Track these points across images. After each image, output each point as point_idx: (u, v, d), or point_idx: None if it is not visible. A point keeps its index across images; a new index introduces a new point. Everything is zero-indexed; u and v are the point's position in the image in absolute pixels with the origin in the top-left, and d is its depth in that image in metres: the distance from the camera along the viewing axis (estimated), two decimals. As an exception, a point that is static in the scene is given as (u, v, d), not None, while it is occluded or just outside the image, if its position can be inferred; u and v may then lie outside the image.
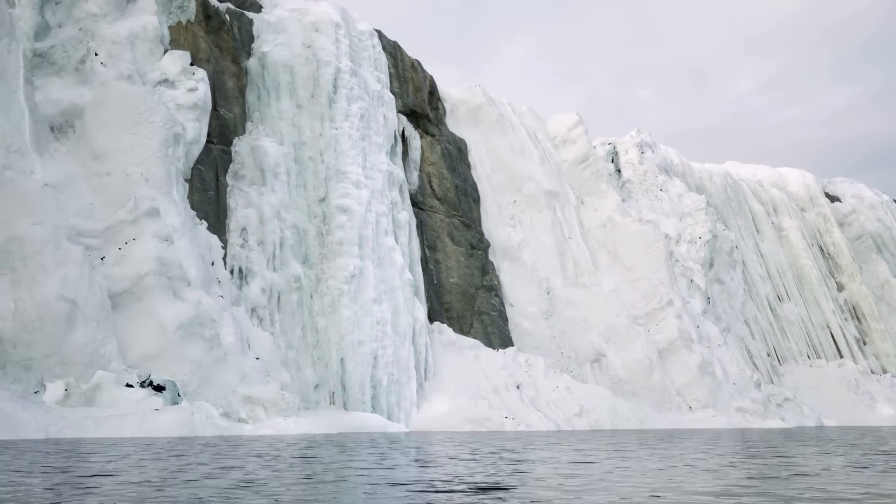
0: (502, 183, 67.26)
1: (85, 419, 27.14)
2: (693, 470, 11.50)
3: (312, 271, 42.89)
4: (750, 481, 9.37)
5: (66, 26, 41.33)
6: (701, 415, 57.87)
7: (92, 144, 38.09)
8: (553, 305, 61.38)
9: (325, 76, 49.45)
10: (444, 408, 42.41)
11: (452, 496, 7.62)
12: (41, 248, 32.20)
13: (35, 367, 30.03)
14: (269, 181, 44.28)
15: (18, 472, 10.80)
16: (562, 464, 13.02)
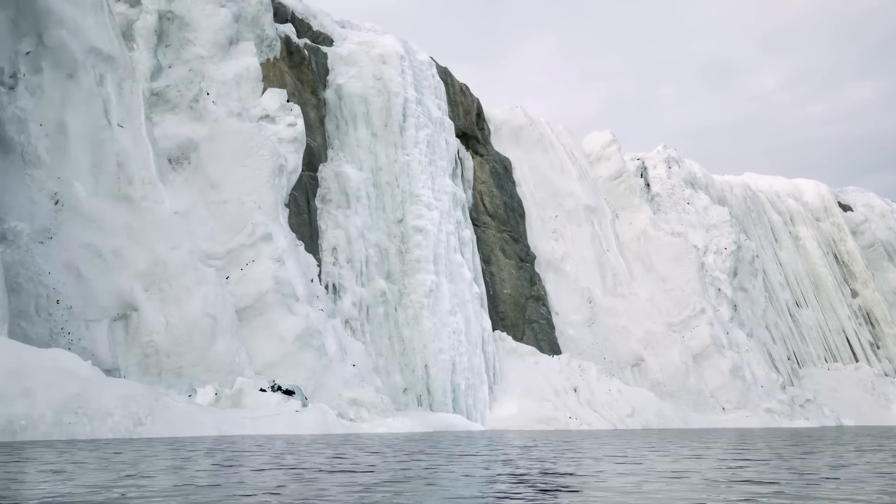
0: (544, 199, 72.10)
1: (242, 419, 31.96)
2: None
3: (395, 286, 47.74)
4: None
5: (176, 67, 46.16)
6: (735, 415, 62.70)
7: (208, 175, 42.92)
8: (595, 314, 66.21)
9: (395, 106, 54.28)
10: (514, 409, 47.26)
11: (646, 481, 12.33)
12: (182, 270, 37.04)
13: (185, 374, 34.85)
14: (352, 204, 49.12)
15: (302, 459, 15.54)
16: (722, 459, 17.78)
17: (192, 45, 46.33)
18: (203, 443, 22.10)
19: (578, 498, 7.64)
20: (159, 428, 27.11)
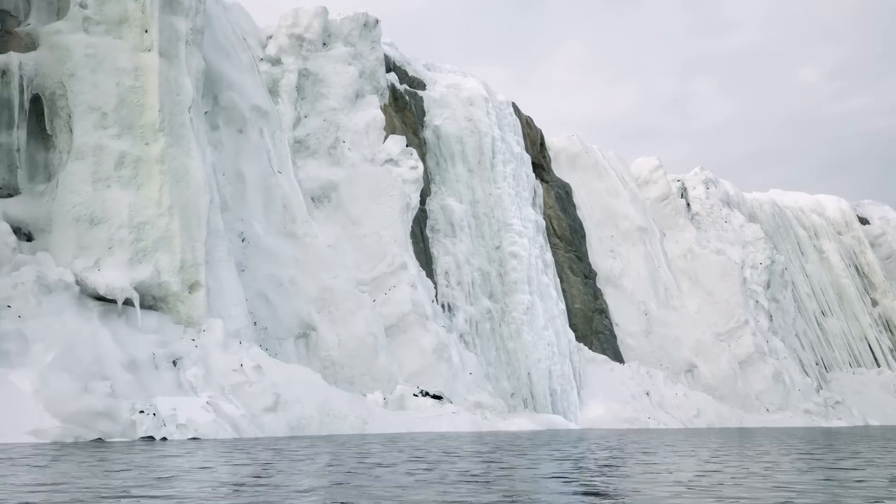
0: (601, 220, 79.79)
1: (416, 419, 39.62)
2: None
3: (498, 305, 55.44)
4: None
5: (312, 117, 53.87)
6: (779, 416, 70.38)
7: (348, 212, 50.62)
8: (650, 325, 73.91)
9: (485, 145, 61.98)
10: (601, 410, 54.97)
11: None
12: (345, 296, 44.76)
13: (356, 382, 42.53)
14: (457, 233, 56.79)
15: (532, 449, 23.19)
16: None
17: (326, 99, 54.05)
18: (423, 437, 29.72)
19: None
20: (374, 426, 34.83)
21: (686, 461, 13.73)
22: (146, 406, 23.93)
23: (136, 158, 32.69)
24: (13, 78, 32.74)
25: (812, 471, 11.36)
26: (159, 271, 30.98)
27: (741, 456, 15.18)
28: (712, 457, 15.37)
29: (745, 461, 13.26)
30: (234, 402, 27.67)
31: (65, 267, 29.29)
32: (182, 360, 28.62)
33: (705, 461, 13.52)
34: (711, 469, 11.74)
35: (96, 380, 24.52)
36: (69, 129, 33.05)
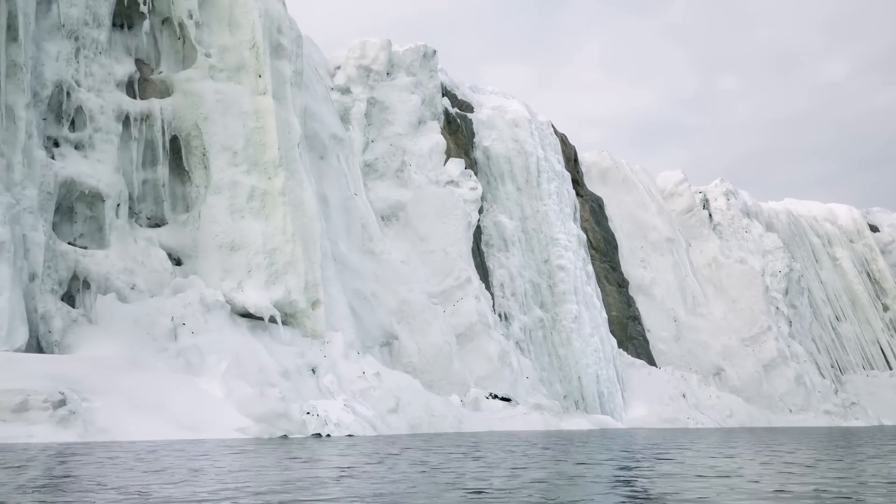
0: (631, 231, 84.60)
1: (493, 419, 44.41)
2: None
3: (549, 314, 60.26)
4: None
5: (379, 142, 58.68)
6: (801, 416, 75.16)
7: (416, 230, 55.42)
8: (680, 330, 78.72)
9: (531, 164, 66.79)
10: (644, 411, 59.78)
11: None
12: (421, 308, 49.56)
13: (434, 386, 47.30)
14: (509, 248, 61.58)
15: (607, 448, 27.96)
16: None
17: (392, 125, 58.87)
18: (522, 435, 34.49)
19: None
20: (467, 426, 39.65)
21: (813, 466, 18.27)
22: (311, 408, 28.72)
23: (263, 192, 37.53)
24: (156, 121, 37.58)
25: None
26: (289, 291, 35.80)
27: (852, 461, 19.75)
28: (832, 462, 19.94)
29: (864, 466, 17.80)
30: (364, 405, 32.46)
31: (214, 288, 34.11)
32: (318, 369, 33.44)
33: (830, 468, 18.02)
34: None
35: (265, 386, 29.33)
36: (204, 166, 37.87)
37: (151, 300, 31.91)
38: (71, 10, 35.73)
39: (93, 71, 35.98)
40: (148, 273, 33.02)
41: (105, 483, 9.27)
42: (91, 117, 34.81)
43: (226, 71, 40.30)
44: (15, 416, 21.43)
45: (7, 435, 20.71)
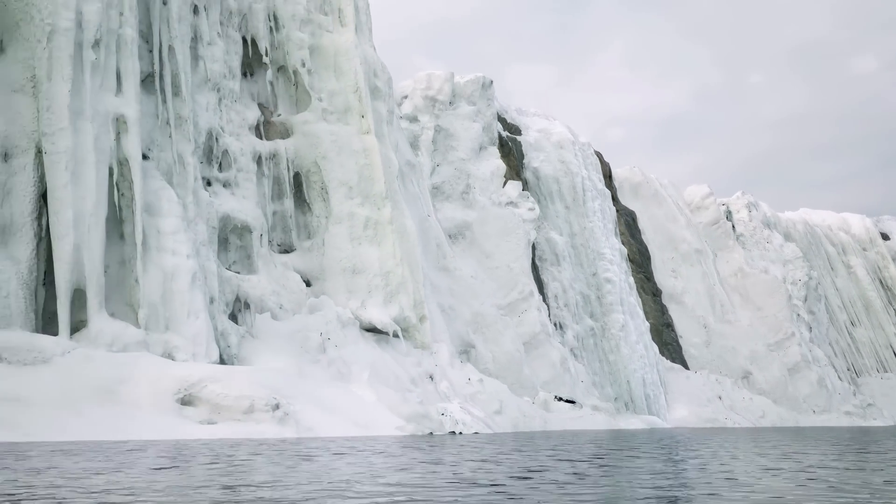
0: (662, 243, 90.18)
1: (563, 419, 49.97)
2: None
3: (598, 323, 65.82)
4: None
5: (444, 166, 64.24)
6: (825, 417, 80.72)
7: (481, 248, 60.99)
8: (710, 337, 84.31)
9: (577, 184, 72.36)
10: (684, 412, 65.34)
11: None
12: (493, 319, 55.14)
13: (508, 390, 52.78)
14: (561, 262, 67.13)
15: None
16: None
17: (456, 151, 64.46)
18: (601, 433, 39.98)
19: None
20: (550, 425, 45.24)
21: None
22: (443, 410, 34.30)
23: (374, 221, 43.12)
24: (282, 160, 43.19)
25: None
26: (402, 308, 41.40)
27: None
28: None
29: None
30: (475, 407, 38.04)
31: (342, 307, 39.70)
32: (435, 376, 39.02)
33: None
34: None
35: (402, 391, 34.92)
36: (323, 198, 43.47)
37: (296, 318, 37.48)
38: (214, 66, 41.32)
39: (231, 117, 41.59)
40: (289, 294, 38.61)
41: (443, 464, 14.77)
42: (234, 159, 40.41)
43: (335, 113, 45.91)
44: (246, 416, 27.00)
45: (245, 431, 26.25)
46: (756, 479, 9.88)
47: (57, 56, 31.98)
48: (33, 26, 32.66)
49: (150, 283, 31.16)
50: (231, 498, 7.60)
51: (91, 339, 28.52)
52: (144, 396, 26.59)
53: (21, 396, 24.38)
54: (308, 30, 47.31)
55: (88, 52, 32.86)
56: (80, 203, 30.21)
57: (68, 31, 32.44)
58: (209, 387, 27.27)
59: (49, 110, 31.16)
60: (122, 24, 34.77)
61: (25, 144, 31.23)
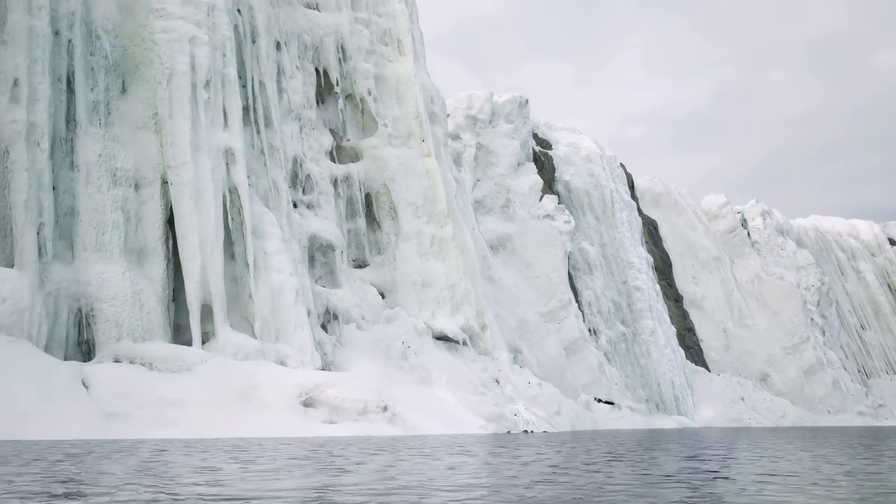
0: (682, 251, 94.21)
1: (606, 419, 53.98)
2: None
3: (629, 329, 69.87)
4: None
5: (484, 181, 68.27)
6: (839, 417, 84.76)
7: (522, 258, 65.01)
8: (729, 340, 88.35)
9: (606, 196, 76.40)
10: (711, 412, 69.39)
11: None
12: (536, 326, 59.18)
13: (552, 391, 56.81)
14: (593, 271, 71.17)
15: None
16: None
17: (496, 167, 68.49)
18: (648, 433, 43.94)
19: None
20: (597, 425, 49.29)
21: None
22: (515, 411, 38.34)
23: (440, 238, 47.18)
24: (354, 182, 47.24)
25: None
26: (467, 318, 45.45)
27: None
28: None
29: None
30: (537, 408, 42.09)
31: (415, 318, 43.75)
32: (500, 380, 43.07)
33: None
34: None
35: (478, 394, 38.96)
36: (391, 217, 47.54)
37: (376, 327, 41.55)
38: (295, 97, 45.39)
39: (311, 144, 45.66)
40: (368, 306, 42.67)
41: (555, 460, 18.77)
42: (316, 182, 44.48)
43: (399, 137, 49.97)
44: (361, 417, 31.03)
45: (362, 430, 30.26)
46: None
47: (176, 96, 36.04)
48: (153, 69, 36.72)
49: (261, 299, 35.22)
50: (550, 478, 11.57)
51: (219, 349, 32.57)
52: (272, 399, 30.63)
53: (179, 400, 28.43)
54: (372, 60, 51.35)
55: (201, 91, 36.90)
56: (203, 228, 34.26)
57: (185, 74, 36.49)
58: (327, 391, 31.31)
59: (172, 145, 35.22)
60: (225, 64, 38.81)
61: (152, 176, 35.29)
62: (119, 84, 37.04)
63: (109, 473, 10.44)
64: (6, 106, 31.13)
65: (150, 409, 27.29)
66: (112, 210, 33.32)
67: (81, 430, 24.71)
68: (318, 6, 51.59)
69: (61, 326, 30.25)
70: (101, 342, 30.80)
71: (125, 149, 35.16)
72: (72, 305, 30.86)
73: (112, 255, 32.40)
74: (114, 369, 29.09)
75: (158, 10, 37.61)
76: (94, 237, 32.43)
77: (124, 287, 31.70)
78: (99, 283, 31.35)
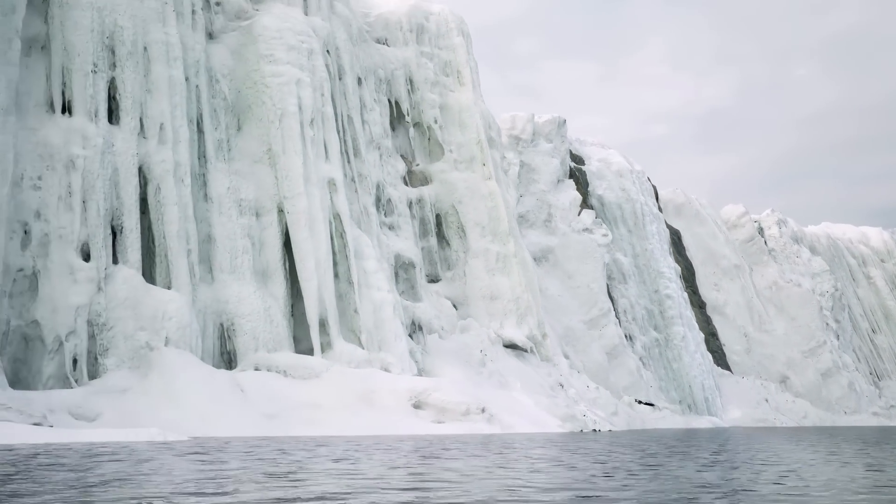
0: (704, 259, 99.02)
1: (654, 419, 58.71)
2: None
3: (662, 335, 74.68)
4: None
5: (527, 197, 73.07)
6: (855, 417, 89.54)
7: (564, 269, 69.82)
8: (750, 344, 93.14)
9: (637, 209, 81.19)
10: (738, 413, 74.19)
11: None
12: (581, 333, 63.98)
13: (597, 394, 61.60)
14: (627, 280, 75.96)
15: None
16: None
17: (537, 183, 73.32)
18: (694, 432, 48.68)
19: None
20: (645, 424, 54.09)
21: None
22: (583, 412, 43.12)
23: (504, 256, 52.00)
24: (426, 204, 52.06)
25: None
26: (531, 328, 50.27)
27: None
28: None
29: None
30: (598, 410, 46.88)
31: (485, 328, 48.56)
32: (563, 384, 47.88)
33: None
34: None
35: (549, 396, 43.75)
36: (460, 236, 52.35)
37: (453, 337, 46.36)
38: (375, 128, 50.21)
39: (389, 170, 50.49)
40: (445, 318, 47.48)
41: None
42: (395, 205, 49.31)
43: (463, 162, 54.79)
44: (464, 417, 35.81)
45: (467, 428, 35.01)
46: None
47: (288, 134, 40.88)
48: (265, 109, 41.54)
49: (365, 314, 40.03)
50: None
51: (336, 358, 37.38)
52: (389, 402, 35.43)
53: (315, 402, 33.23)
54: (437, 90, 56.17)
55: (308, 129, 41.72)
56: (317, 252, 39.08)
57: (294, 114, 41.32)
58: (433, 395, 36.12)
59: (287, 178, 40.04)
60: (324, 103, 43.63)
61: (269, 205, 40.10)
62: (235, 122, 41.87)
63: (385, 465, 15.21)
64: (155, 147, 35.93)
65: (295, 411, 32.11)
66: (241, 237, 38.13)
67: (251, 429, 29.51)
68: (387, 41, 56.40)
69: (209, 339, 35.05)
70: (242, 353, 35.61)
71: (246, 181, 39.97)
72: (216, 321, 35.67)
73: (244, 277, 37.22)
74: (258, 376, 33.88)
75: (267, 56, 42.42)
76: (228, 261, 37.25)
77: (256, 304, 36.52)
78: (236, 302, 36.17)
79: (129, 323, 31.48)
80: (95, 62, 35.27)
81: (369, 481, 9.56)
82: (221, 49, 42.73)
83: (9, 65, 32.13)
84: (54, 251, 31.38)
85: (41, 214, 31.83)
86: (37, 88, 34.28)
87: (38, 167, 32.40)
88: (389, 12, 57.73)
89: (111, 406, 28.05)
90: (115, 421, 27.15)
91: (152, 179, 35.61)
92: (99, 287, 31.53)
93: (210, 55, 41.70)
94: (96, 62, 35.31)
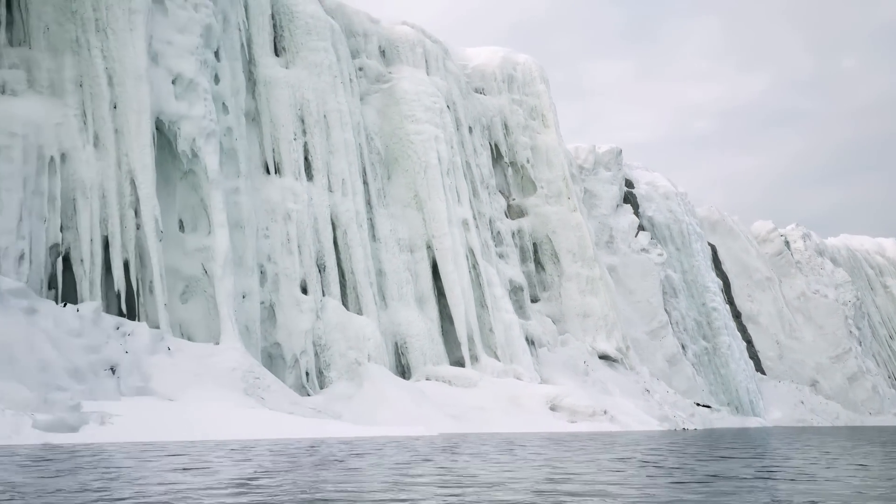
0: (738, 272, 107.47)
1: (711, 419, 67.09)
2: None
3: (710, 344, 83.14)
4: None
5: (589, 221, 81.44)
6: (880, 418, 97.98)
7: (626, 286, 78.22)
8: (781, 351, 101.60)
9: (684, 229, 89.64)
10: (779, 414, 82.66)
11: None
12: (645, 343, 72.40)
13: (661, 397, 70.11)
14: (678, 295, 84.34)
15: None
16: None
17: (599, 208, 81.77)
18: (759, 431, 57.12)
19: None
20: (710, 424, 62.56)
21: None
22: (674, 413, 51.47)
23: (591, 278, 60.48)
24: (525, 234, 60.53)
25: None
26: (617, 341, 58.73)
27: None
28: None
29: None
30: (679, 412, 55.28)
31: (581, 341, 57.02)
32: (649, 389, 56.28)
33: None
34: None
35: (643, 400, 52.17)
36: (553, 262, 60.82)
37: (558, 349, 54.82)
38: (484, 170, 58.67)
39: (495, 206, 58.94)
40: (549, 333, 55.96)
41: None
42: (503, 236, 57.77)
43: (553, 196, 63.25)
44: (591, 418, 44.18)
45: (596, 427, 43.42)
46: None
47: (432, 184, 49.35)
48: (411, 162, 50.03)
49: (499, 332, 48.51)
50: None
51: (482, 369, 45.84)
52: (532, 405, 43.88)
53: (481, 406, 41.65)
54: (527, 133, 64.65)
55: (446, 178, 50.18)
56: (461, 282, 47.55)
57: (435, 166, 49.81)
58: (565, 399, 44.57)
59: (434, 220, 48.52)
60: (454, 154, 52.11)
61: (420, 242, 48.57)
62: (386, 173, 50.35)
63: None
64: (340, 199, 44.40)
65: (470, 412, 40.54)
66: (403, 270, 46.64)
67: (448, 427, 37.92)
68: (483, 90, 64.86)
69: (390, 356, 43.50)
70: (414, 366, 44.06)
71: (400, 223, 48.47)
72: (392, 340, 44.13)
73: (409, 303, 45.71)
74: (432, 385, 42.32)
75: (410, 116, 50.91)
76: (396, 290, 45.73)
77: (421, 326, 44.98)
78: (407, 324, 44.63)
79: (341, 343, 39.92)
80: (294, 131, 43.78)
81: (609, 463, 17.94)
82: (370, 110, 51.21)
83: (242, 138, 40.62)
84: (283, 287, 39.85)
85: (271, 258, 40.29)
86: (254, 154, 42.76)
87: (265, 220, 40.87)
88: (483, 65, 66.20)
89: (346, 408, 36.48)
90: (353, 419, 35.56)
91: (339, 225, 44.07)
92: (317, 315, 39.99)
93: (365, 115, 50.17)
94: (295, 131, 43.81)
